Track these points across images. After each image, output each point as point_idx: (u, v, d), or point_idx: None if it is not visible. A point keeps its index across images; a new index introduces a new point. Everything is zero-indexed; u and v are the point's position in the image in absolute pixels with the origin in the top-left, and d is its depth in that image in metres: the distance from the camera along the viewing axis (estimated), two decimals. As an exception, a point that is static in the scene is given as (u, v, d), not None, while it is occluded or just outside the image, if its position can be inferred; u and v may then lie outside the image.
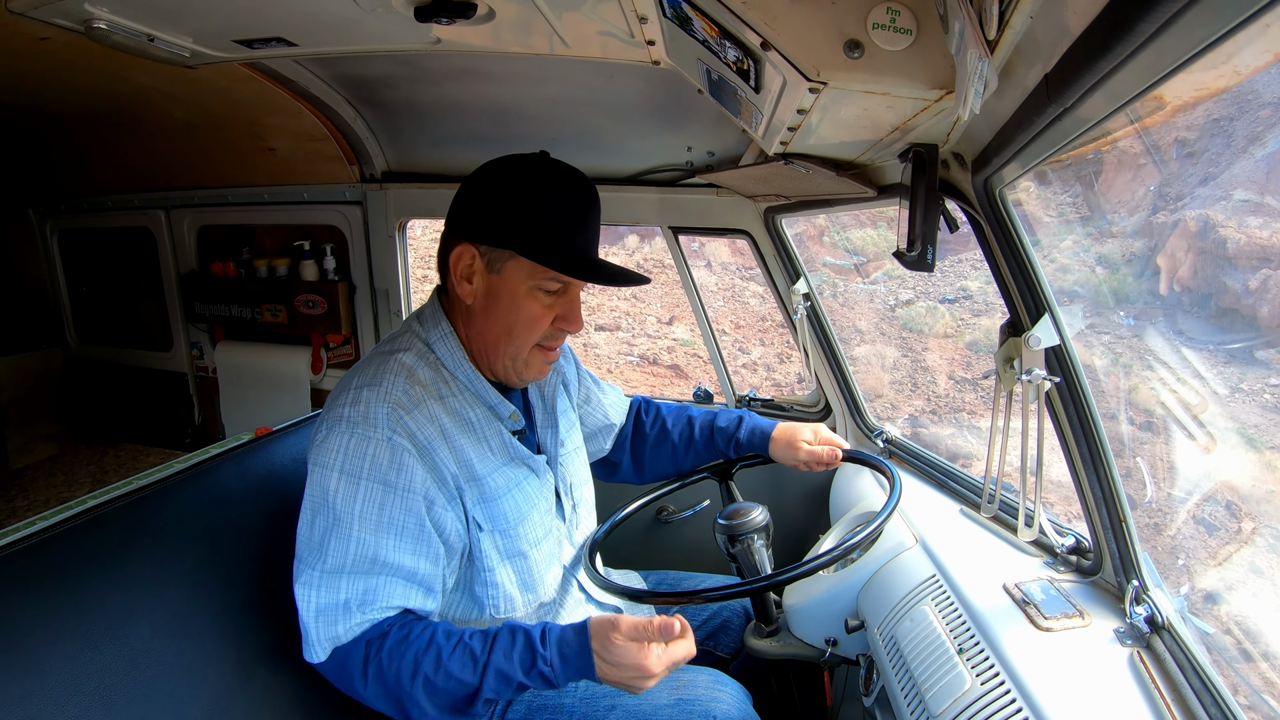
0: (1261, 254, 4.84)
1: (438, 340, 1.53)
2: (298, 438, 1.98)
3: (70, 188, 3.83)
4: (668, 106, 2.21)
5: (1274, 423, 3.83)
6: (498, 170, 1.48)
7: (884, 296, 10.47)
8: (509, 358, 1.51)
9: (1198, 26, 0.63)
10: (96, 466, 3.98)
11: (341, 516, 1.35)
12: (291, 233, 3.34)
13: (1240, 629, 2.55)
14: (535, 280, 1.45)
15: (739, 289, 13.00)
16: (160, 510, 1.58)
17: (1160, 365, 4.44)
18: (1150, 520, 3.33)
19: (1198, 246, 5.16)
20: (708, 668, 1.74)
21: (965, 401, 8.16)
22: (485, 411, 1.55)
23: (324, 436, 1.38)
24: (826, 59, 1.03)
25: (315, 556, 1.37)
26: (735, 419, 1.99)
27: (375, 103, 2.63)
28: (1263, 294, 4.66)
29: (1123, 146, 4.98)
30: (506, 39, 1.69)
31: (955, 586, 1.58)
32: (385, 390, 1.40)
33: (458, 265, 1.46)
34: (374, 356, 1.50)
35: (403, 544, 1.37)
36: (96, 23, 1.61)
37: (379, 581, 1.37)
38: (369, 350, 1.66)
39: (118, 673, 1.31)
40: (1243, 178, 5.11)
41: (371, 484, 1.35)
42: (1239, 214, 5.08)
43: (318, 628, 1.36)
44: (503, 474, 1.53)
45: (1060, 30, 0.79)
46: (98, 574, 1.39)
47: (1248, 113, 4.87)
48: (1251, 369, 4.32)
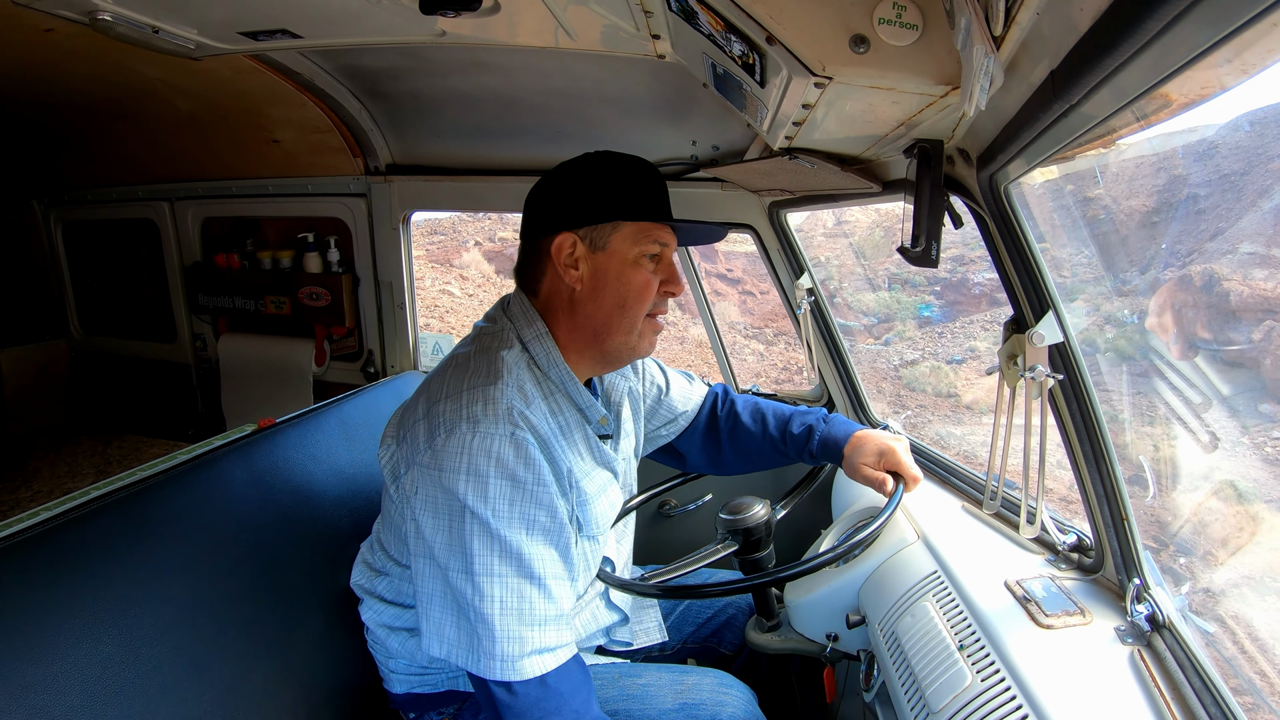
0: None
1: (533, 339, 1.52)
2: (301, 429, 1.98)
3: (74, 179, 3.83)
4: (672, 100, 2.20)
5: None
6: (574, 165, 1.52)
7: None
8: (624, 331, 1.52)
9: (1205, 24, 0.62)
10: (100, 458, 3.99)
11: (479, 515, 1.30)
12: (295, 225, 3.34)
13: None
14: (639, 247, 1.49)
15: (739, 345, 13.05)
16: (164, 501, 1.58)
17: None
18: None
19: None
20: (713, 669, 1.74)
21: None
22: (576, 414, 1.56)
23: (444, 440, 1.33)
24: (832, 53, 1.03)
25: (460, 561, 1.31)
26: (806, 428, 1.88)
27: (380, 95, 2.63)
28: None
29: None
30: (511, 31, 1.69)
31: (957, 583, 1.58)
32: (502, 388, 1.38)
33: (560, 255, 1.48)
34: (475, 358, 1.47)
35: (535, 538, 1.33)
36: (101, 14, 1.62)
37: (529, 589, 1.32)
38: (461, 339, 1.61)
39: (121, 663, 1.32)
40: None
41: (501, 480, 1.31)
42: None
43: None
44: (594, 478, 1.54)
45: (1067, 26, 0.79)
46: (101, 565, 1.39)
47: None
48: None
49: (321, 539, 1.79)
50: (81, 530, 1.42)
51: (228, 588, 1.56)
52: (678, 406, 1.97)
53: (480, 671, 1.30)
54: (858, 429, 1.83)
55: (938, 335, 11.26)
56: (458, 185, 2.92)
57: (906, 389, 10.56)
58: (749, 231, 2.57)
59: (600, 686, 1.65)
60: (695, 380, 2.05)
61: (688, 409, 1.99)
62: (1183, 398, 3.85)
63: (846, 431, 1.83)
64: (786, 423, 1.92)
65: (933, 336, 11.28)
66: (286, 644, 1.61)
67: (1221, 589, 2.95)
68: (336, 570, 1.71)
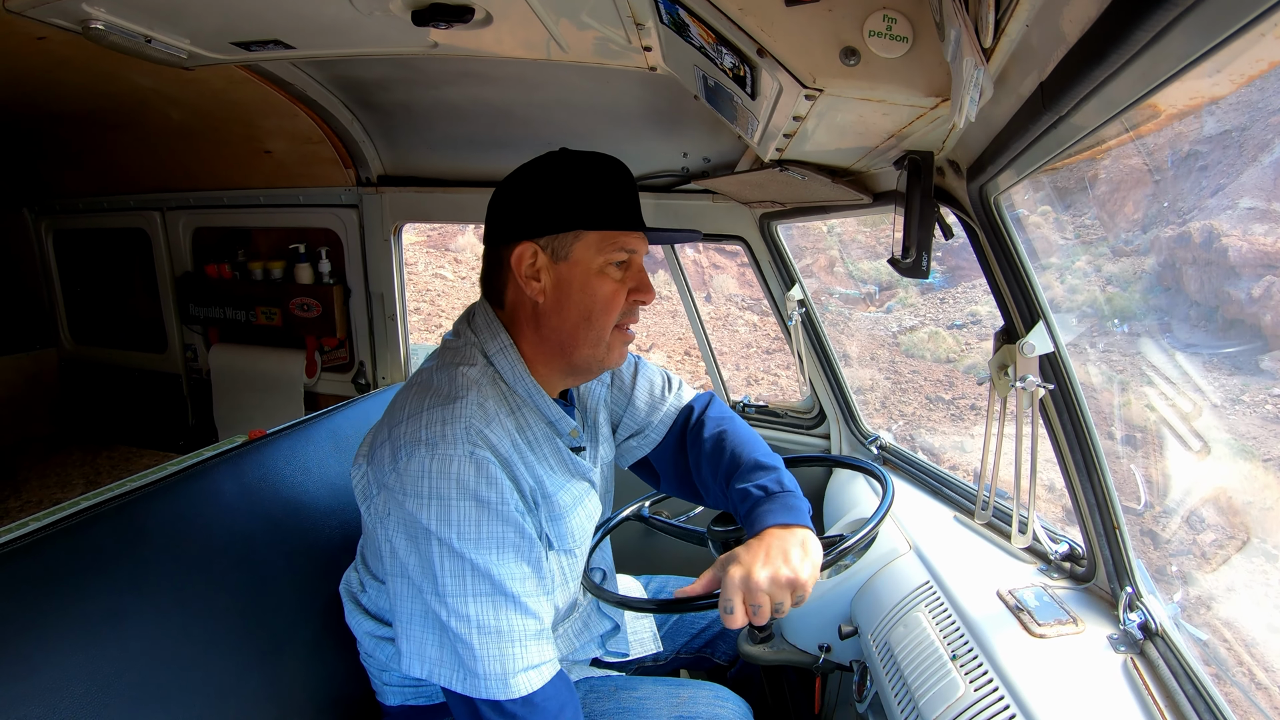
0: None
1: (497, 353, 1.47)
2: (292, 441, 1.97)
3: (66, 188, 3.82)
4: (663, 112, 2.21)
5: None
6: (534, 168, 1.45)
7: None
8: (591, 344, 1.45)
9: (1193, 35, 0.63)
10: (90, 468, 3.96)
11: (445, 540, 1.27)
12: (287, 235, 3.34)
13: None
14: (604, 255, 1.41)
15: (734, 316, 13.03)
16: (154, 512, 1.57)
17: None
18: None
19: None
20: (708, 682, 1.73)
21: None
22: (546, 427, 1.50)
23: (404, 463, 1.30)
24: (822, 66, 1.04)
25: (430, 584, 1.30)
26: (744, 493, 1.55)
27: (372, 106, 2.63)
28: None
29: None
30: (503, 43, 1.69)
31: (949, 593, 1.58)
32: (460, 408, 1.33)
33: (520, 266, 1.41)
34: (436, 375, 1.43)
35: (505, 556, 1.30)
36: (94, 23, 1.61)
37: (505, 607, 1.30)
38: (422, 358, 1.57)
39: (110, 675, 1.30)
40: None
41: (463, 502, 1.28)
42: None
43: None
44: (569, 491, 1.49)
45: (1056, 38, 0.80)
46: (91, 575, 1.38)
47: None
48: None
49: (312, 550, 1.78)
50: (71, 541, 1.41)
51: (218, 599, 1.55)
52: (643, 417, 1.79)
53: (467, 690, 1.28)
54: (772, 525, 1.42)
55: (939, 301, 11.24)
56: (449, 197, 2.92)
57: (904, 355, 10.57)
58: (740, 243, 2.58)
59: (596, 699, 1.64)
60: (674, 389, 1.83)
61: (656, 420, 1.79)
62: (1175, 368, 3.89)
63: (770, 522, 1.43)
64: (735, 472, 1.62)
65: (934, 303, 11.23)
66: (277, 655, 1.60)
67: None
68: (327, 582, 1.70)
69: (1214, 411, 4.19)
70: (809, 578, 1.33)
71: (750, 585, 1.30)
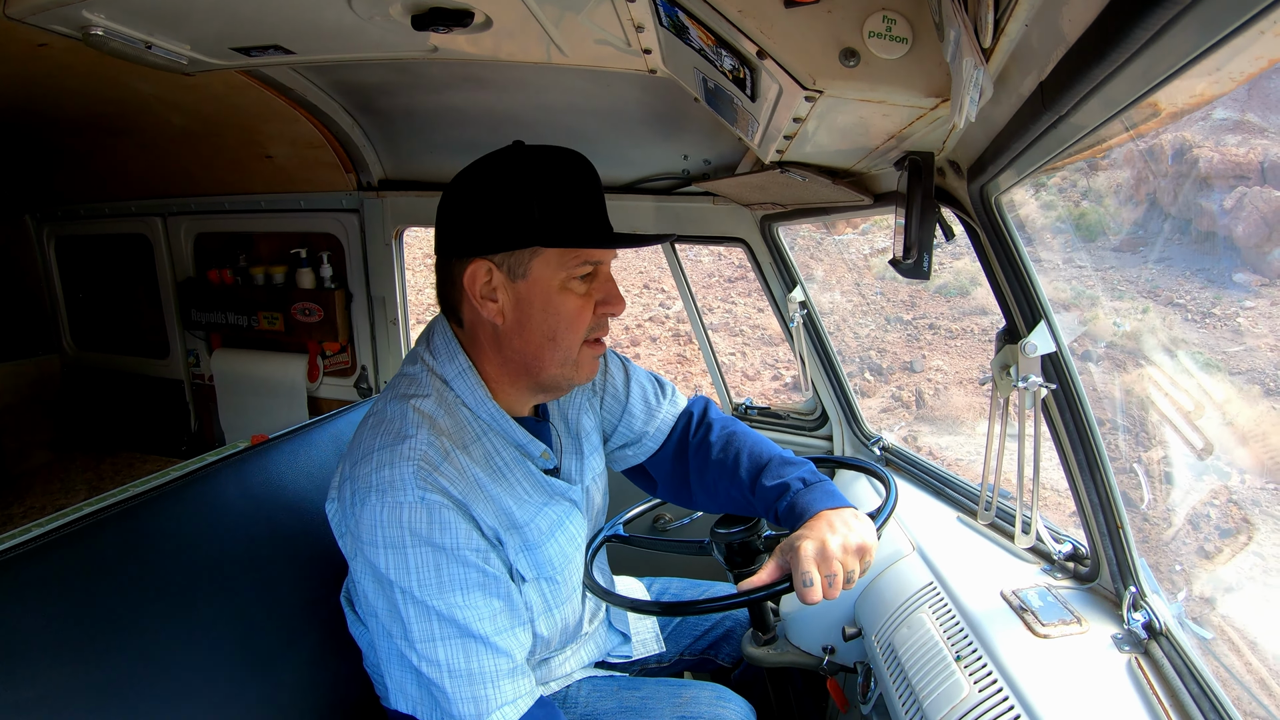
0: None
1: (455, 377, 1.40)
2: (294, 446, 1.97)
3: (67, 194, 3.83)
4: (664, 115, 2.21)
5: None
6: (483, 174, 1.35)
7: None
8: (559, 364, 1.39)
9: (1192, 34, 0.63)
10: (93, 474, 3.97)
11: (406, 589, 1.26)
12: (288, 240, 3.34)
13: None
14: (566, 270, 1.33)
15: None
16: (157, 518, 1.57)
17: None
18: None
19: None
20: (711, 683, 1.73)
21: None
22: (514, 452, 1.43)
23: (359, 511, 1.27)
24: (822, 67, 1.04)
25: (399, 629, 1.30)
26: (780, 485, 1.53)
27: (372, 110, 2.63)
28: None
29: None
30: (503, 47, 1.69)
31: (952, 593, 1.57)
32: (409, 448, 1.28)
33: (474, 286, 1.33)
34: (389, 407, 1.37)
35: (470, 598, 1.28)
36: (94, 29, 1.62)
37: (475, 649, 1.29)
38: (386, 381, 1.56)
39: (113, 681, 1.31)
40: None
41: (418, 549, 1.25)
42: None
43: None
44: (545, 516, 1.44)
45: (1055, 38, 0.80)
46: (94, 581, 1.38)
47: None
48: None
49: (315, 556, 1.78)
50: (74, 547, 1.41)
51: (221, 604, 1.55)
52: (639, 425, 1.74)
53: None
54: (827, 509, 1.42)
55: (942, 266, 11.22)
56: None
57: (874, 278, 10.53)
58: (741, 245, 2.58)
59: (599, 699, 1.64)
60: (669, 395, 1.79)
61: (652, 429, 1.74)
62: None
63: (820, 506, 1.43)
64: (761, 470, 1.59)
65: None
66: (281, 660, 1.60)
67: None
68: (330, 587, 1.69)
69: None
70: (875, 543, 1.37)
71: (825, 554, 1.30)
